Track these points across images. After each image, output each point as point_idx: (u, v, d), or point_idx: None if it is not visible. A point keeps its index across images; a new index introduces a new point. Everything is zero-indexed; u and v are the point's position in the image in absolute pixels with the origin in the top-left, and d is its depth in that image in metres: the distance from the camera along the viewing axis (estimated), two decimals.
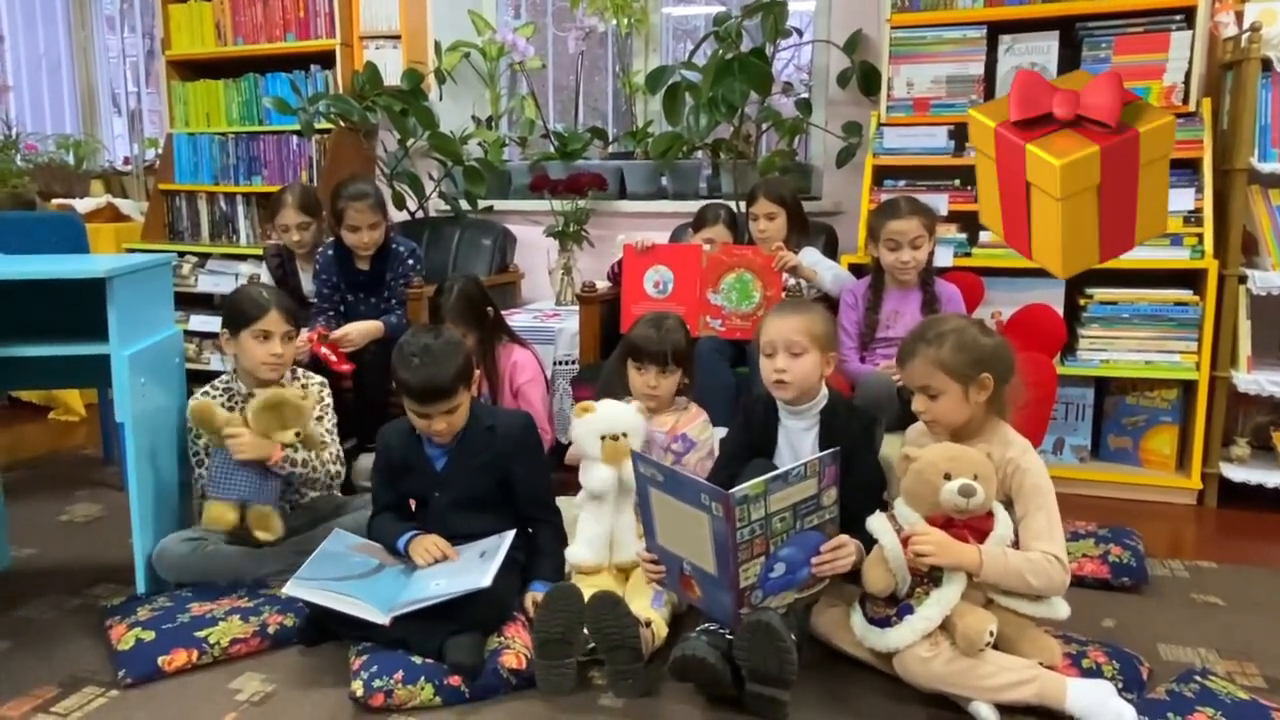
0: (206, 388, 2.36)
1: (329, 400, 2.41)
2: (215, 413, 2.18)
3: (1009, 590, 1.73)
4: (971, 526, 1.74)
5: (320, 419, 2.35)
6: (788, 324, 2.01)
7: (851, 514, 1.82)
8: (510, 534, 2.02)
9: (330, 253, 3.12)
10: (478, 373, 2.20)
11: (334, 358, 2.83)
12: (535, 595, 1.97)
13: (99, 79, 5.20)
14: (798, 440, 2.07)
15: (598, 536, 2.11)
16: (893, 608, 1.75)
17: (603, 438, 2.10)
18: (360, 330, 2.92)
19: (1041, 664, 1.69)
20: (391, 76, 3.89)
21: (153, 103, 5.20)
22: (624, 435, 2.10)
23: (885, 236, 2.63)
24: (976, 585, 1.72)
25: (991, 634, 1.66)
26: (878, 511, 1.82)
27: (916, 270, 2.64)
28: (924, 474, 1.75)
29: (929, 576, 1.72)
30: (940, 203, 3.01)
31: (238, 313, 2.28)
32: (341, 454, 2.36)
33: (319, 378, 2.45)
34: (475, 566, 1.92)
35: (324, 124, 3.85)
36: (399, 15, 3.95)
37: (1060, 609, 1.76)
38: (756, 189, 3.02)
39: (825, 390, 2.07)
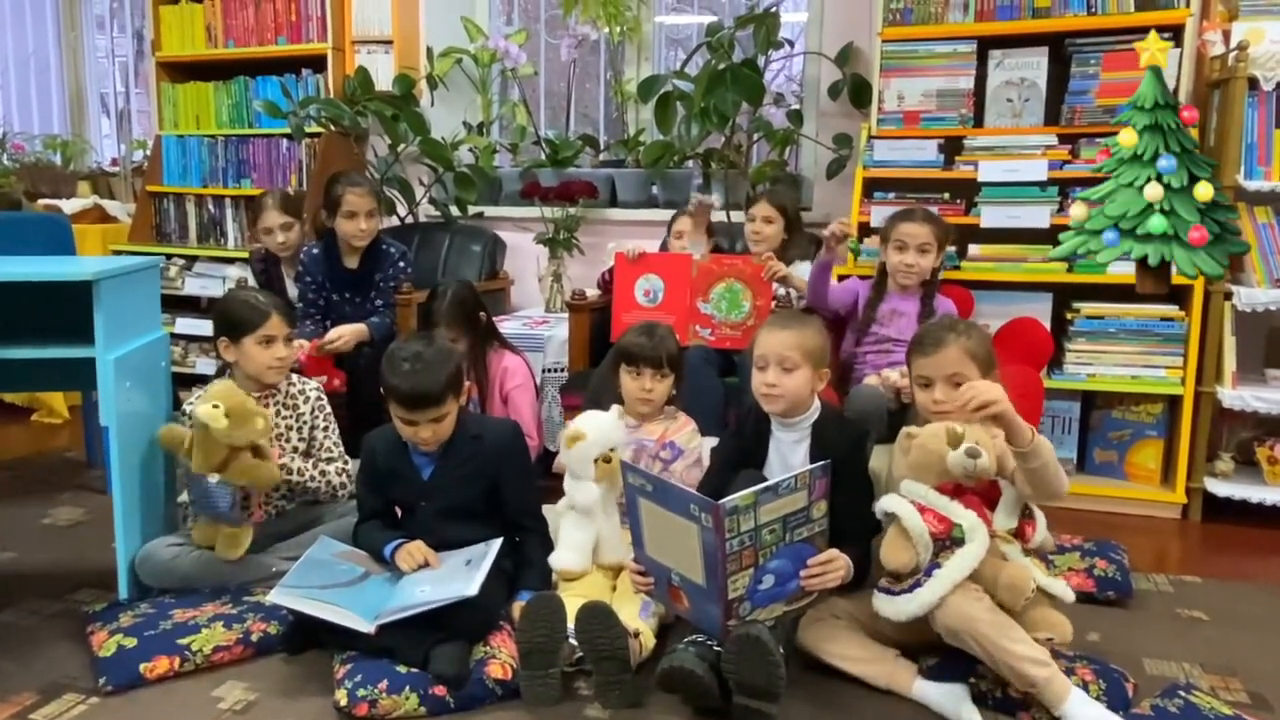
0: (206, 390, 2.32)
1: (329, 409, 2.39)
2: (177, 431, 2.18)
3: (1042, 480, 1.72)
4: (980, 493, 1.76)
5: (326, 429, 2.35)
6: (781, 339, 2.01)
7: (839, 528, 1.82)
8: (497, 542, 2.01)
9: (315, 250, 3.10)
10: (468, 383, 2.20)
11: (323, 375, 2.78)
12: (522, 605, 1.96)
13: (88, 79, 5.16)
14: (788, 452, 2.06)
15: (582, 543, 2.11)
16: (918, 574, 1.73)
17: (596, 460, 2.10)
18: (353, 331, 2.91)
19: (1052, 640, 1.70)
20: (383, 81, 3.88)
21: (141, 104, 5.17)
22: (613, 450, 2.11)
23: (895, 237, 2.68)
24: (996, 535, 1.74)
25: (1033, 589, 1.68)
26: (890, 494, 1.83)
27: (919, 277, 2.69)
28: (929, 445, 1.76)
29: (950, 540, 1.72)
30: None
31: (238, 319, 2.25)
32: (347, 465, 2.35)
33: (314, 383, 2.43)
34: (461, 575, 1.91)
35: (314, 128, 3.84)
36: (391, 20, 3.95)
37: (1065, 593, 1.78)
38: (761, 193, 3.09)
39: (817, 403, 2.07)
